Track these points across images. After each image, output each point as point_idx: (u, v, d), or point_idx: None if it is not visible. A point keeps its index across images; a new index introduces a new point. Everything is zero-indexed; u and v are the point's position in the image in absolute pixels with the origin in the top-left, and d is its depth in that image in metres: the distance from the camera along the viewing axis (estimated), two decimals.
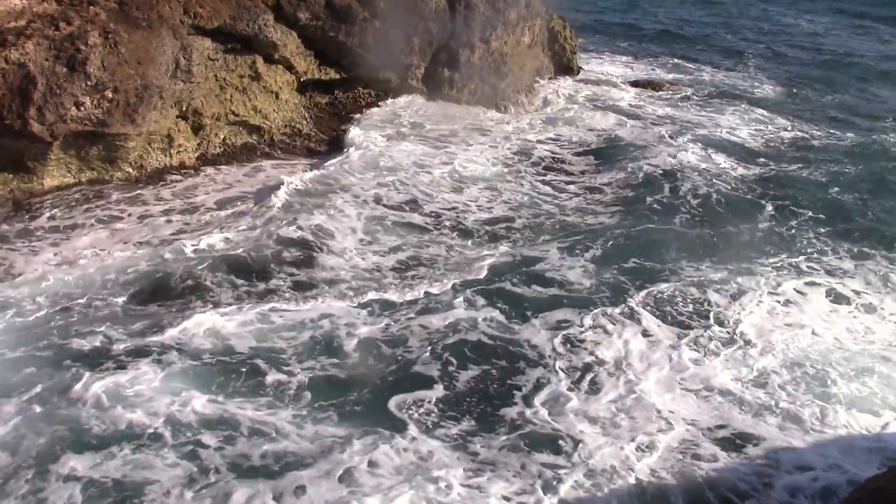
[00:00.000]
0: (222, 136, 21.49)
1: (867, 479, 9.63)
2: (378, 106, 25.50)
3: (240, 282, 14.74)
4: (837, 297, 16.30)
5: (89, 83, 17.55)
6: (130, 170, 19.20)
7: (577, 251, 17.13)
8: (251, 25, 21.25)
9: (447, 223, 18.33)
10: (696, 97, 32.47)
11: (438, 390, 12.17)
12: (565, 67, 33.17)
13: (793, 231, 19.30)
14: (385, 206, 18.76)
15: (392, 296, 14.76)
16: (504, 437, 11.29)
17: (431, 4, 25.67)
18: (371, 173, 20.31)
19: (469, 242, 17.52)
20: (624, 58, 39.60)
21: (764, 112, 30.58)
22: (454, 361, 12.93)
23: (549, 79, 31.83)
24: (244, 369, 12.26)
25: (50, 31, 17.53)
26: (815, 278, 17.02)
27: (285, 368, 12.35)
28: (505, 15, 27.66)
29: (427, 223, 18.20)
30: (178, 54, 19.39)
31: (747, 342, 14.29)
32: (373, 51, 24.50)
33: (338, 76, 25.02)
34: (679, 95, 32.43)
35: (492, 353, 13.33)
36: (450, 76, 26.88)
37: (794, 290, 16.39)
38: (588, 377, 12.88)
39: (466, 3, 26.39)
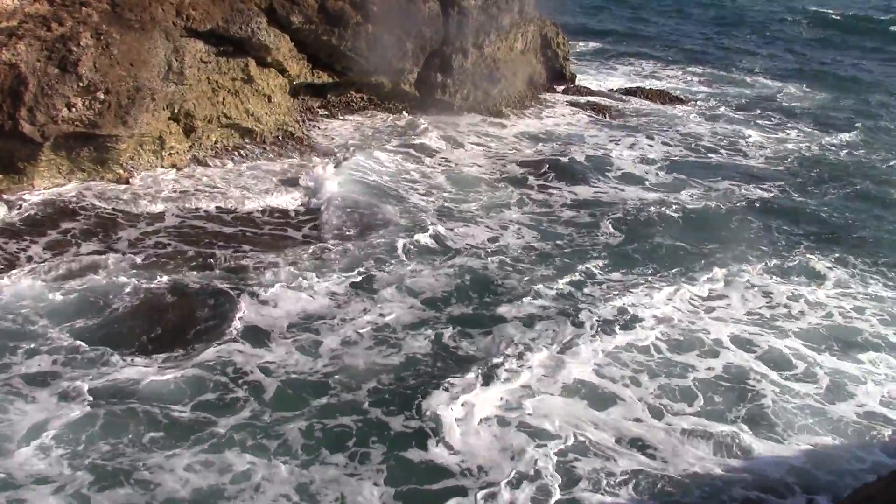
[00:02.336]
0: (214, 139, 21.42)
1: (857, 488, 9.67)
2: None
3: None
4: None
5: (81, 84, 17.45)
6: (122, 171, 19.10)
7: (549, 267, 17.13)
8: (244, 28, 21.18)
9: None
10: (692, 105, 32.55)
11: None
12: (558, 74, 33.25)
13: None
14: None
15: None
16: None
17: (425, 9, 25.68)
18: None
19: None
20: (620, 66, 39.67)
21: (778, 120, 30.79)
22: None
23: (542, 85, 31.84)
24: None
25: (42, 31, 17.42)
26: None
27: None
28: (498, 21, 27.73)
29: None
30: (170, 56, 19.31)
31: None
32: (365, 55, 24.48)
33: (330, 80, 25.00)
34: (676, 106, 32.42)
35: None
36: (442, 81, 26.92)
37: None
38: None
39: (460, 8, 26.41)
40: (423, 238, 17.60)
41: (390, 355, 13.30)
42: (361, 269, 16.04)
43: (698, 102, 33.25)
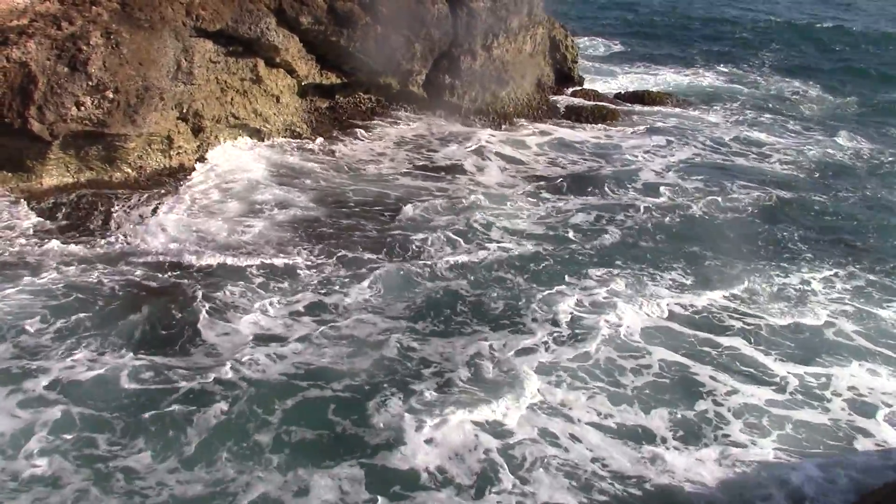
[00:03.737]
0: (222, 139, 21.49)
1: (864, 495, 9.62)
2: None
3: None
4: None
5: (90, 83, 17.54)
6: (130, 171, 19.18)
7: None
8: (253, 28, 21.25)
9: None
10: (702, 109, 32.30)
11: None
12: (566, 76, 33.16)
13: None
14: None
15: None
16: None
17: (433, 11, 25.69)
18: None
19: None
20: (629, 68, 39.42)
21: (794, 124, 30.60)
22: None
23: (550, 88, 31.78)
24: None
25: (52, 30, 17.53)
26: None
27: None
28: (507, 23, 27.70)
29: None
30: (179, 56, 19.39)
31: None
32: (374, 56, 24.51)
33: (339, 81, 25.03)
34: (685, 109, 32.19)
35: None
36: (451, 83, 26.92)
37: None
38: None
39: (468, 10, 26.41)
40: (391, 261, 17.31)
41: (354, 361, 13.37)
42: (334, 281, 16.02)
43: (709, 105, 33.04)
